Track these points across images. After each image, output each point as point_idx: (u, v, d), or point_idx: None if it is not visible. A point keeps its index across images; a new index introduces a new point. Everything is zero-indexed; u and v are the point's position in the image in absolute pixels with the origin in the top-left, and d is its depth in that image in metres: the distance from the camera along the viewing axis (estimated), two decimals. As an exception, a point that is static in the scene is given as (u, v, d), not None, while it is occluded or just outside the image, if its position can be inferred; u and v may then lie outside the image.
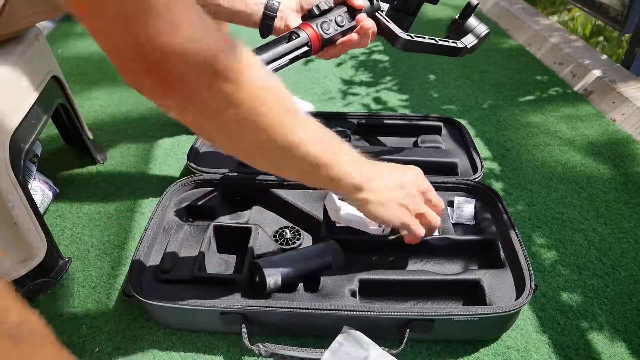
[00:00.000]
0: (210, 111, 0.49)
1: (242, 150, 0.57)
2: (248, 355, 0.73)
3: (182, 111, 0.49)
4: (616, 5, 1.44)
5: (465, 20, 0.91)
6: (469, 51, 0.91)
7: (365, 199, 0.67)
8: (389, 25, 0.86)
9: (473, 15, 0.91)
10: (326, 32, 0.80)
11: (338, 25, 0.81)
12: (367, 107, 1.40)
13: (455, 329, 0.72)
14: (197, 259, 0.78)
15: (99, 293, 0.84)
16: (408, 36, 0.85)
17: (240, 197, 0.96)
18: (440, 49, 0.89)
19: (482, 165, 1.01)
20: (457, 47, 0.89)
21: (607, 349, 0.74)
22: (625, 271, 0.87)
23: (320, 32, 0.79)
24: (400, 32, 0.85)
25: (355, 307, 0.71)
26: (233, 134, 0.53)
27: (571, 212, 1.00)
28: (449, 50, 0.90)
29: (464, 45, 0.90)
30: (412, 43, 0.86)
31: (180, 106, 0.48)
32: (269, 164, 0.60)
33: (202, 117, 0.50)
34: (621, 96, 1.33)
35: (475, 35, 0.90)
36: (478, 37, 0.90)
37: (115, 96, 1.44)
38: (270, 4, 0.83)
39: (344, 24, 0.82)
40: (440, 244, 0.83)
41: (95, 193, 1.06)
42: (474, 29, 0.90)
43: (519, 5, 2.05)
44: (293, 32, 0.78)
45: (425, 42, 0.87)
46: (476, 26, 0.91)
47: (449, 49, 0.89)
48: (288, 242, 0.86)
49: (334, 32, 0.81)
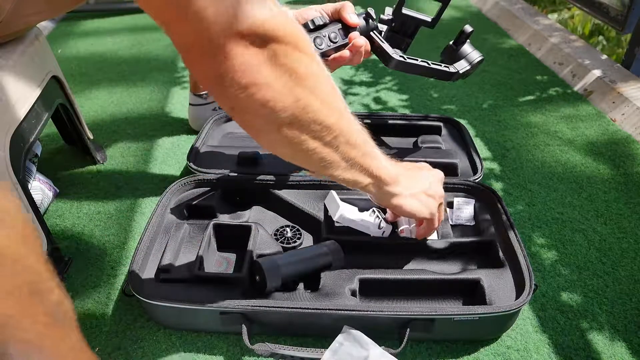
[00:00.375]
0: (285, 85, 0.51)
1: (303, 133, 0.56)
2: (248, 355, 0.73)
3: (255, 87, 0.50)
4: (616, 5, 1.44)
5: (459, 47, 0.93)
6: (461, 76, 0.93)
7: (400, 192, 0.70)
8: (383, 45, 0.87)
9: (468, 41, 0.93)
10: (318, 47, 0.81)
11: (331, 41, 0.82)
12: (367, 107, 1.40)
13: (455, 328, 0.72)
14: (197, 258, 0.78)
15: (99, 293, 0.84)
16: (400, 57, 0.87)
17: (240, 197, 0.96)
18: (432, 72, 0.91)
19: (482, 165, 1.01)
20: (449, 72, 0.91)
21: (607, 349, 0.74)
22: (625, 271, 0.87)
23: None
24: (393, 52, 0.87)
25: (356, 307, 0.71)
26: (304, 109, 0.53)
27: (571, 212, 1.00)
28: (441, 73, 0.92)
29: (456, 70, 0.92)
30: (404, 64, 0.88)
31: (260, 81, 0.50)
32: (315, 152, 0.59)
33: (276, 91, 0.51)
34: (621, 96, 1.33)
35: (468, 62, 0.93)
36: (471, 63, 0.92)
37: (115, 96, 1.44)
38: None
39: (337, 40, 0.83)
40: (440, 246, 0.83)
41: (95, 193, 1.06)
42: (467, 55, 0.93)
43: (519, 5, 2.05)
44: None
45: (417, 64, 0.89)
46: (469, 52, 0.93)
47: (440, 73, 0.91)
48: (289, 240, 0.86)
49: (326, 47, 0.82)
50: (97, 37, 1.90)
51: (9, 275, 0.34)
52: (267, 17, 0.47)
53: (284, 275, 0.74)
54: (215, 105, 1.22)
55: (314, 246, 0.80)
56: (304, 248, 0.81)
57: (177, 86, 1.50)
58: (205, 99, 1.21)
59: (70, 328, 0.38)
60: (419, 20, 0.92)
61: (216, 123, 1.17)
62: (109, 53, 1.76)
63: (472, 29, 0.91)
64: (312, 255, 0.78)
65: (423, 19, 0.92)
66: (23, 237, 0.37)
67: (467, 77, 0.95)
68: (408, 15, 0.91)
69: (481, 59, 0.93)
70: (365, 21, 0.86)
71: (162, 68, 1.63)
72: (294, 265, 0.76)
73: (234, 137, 1.14)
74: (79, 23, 2.02)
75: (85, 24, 2.03)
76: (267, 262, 0.74)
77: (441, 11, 0.91)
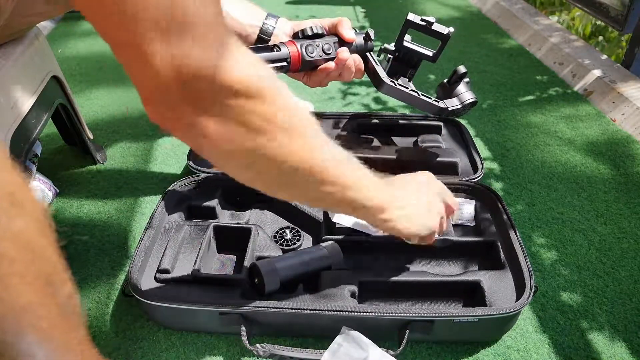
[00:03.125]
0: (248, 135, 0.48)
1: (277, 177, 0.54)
2: (248, 356, 0.73)
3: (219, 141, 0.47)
4: (616, 5, 1.44)
5: (453, 85, 0.93)
6: (451, 114, 0.93)
7: (395, 218, 0.65)
8: (376, 67, 0.88)
9: (465, 81, 0.93)
10: (309, 55, 0.81)
11: (324, 52, 0.83)
12: (367, 107, 1.40)
13: (455, 330, 0.72)
14: (196, 259, 0.79)
15: (99, 293, 0.84)
16: (391, 82, 0.88)
17: (240, 197, 0.96)
18: (421, 104, 0.91)
19: (482, 164, 1.01)
20: (438, 106, 0.91)
21: (607, 349, 0.74)
22: (625, 271, 0.87)
23: (302, 53, 0.81)
24: (385, 76, 0.88)
25: (355, 308, 0.71)
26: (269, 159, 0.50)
27: (571, 212, 1.00)
28: (429, 107, 0.91)
29: (445, 106, 0.91)
30: (394, 90, 0.88)
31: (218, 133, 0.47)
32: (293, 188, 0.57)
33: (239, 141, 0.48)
34: (621, 96, 1.33)
35: (460, 101, 0.92)
36: (462, 103, 0.92)
37: (115, 96, 1.43)
38: (265, 28, 0.84)
39: (331, 52, 0.84)
40: (440, 245, 0.83)
41: (95, 193, 1.06)
42: (460, 94, 0.93)
43: (519, 5, 2.05)
44: (276, 45, 0.80)
45: (406, 92, 0.89)
46: (463, 93, 0.92)
47: (429, 106, 0.91)
48: (288, 242, 0.86)
49: (317, 57, 0.82)
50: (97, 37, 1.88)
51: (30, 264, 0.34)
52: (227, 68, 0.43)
53: (282, 277, 0.74)
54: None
55: (313, 247, 0.80)
56: (303, 250, 0.81)
57: (177, 86, 1.50)
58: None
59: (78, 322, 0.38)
60: (420, 54, 0.92)
61: (216, 123, 1.17)
62: (109, 53, 1.74)
63: (465, 70, 0.91)
64: (311, 257, 0.78)
65: (424, 52, 0.92)
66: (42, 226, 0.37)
67: (458, 116, 0.95)
68: (409, 47, 0.92)
69: (473, 100, 0.92)
70: (364, 41, 0.87)
71: (162, 68, 1.62)
72: (293, 267, 0.76)
73: (233, 137, 1.14)
74: (79, 23, 2.02)
75: (85, 24, 2.03)
76: (266, 265, 0.74)
77: (441, 48, 0.91)
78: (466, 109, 0.94)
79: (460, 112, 0.94)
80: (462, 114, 0.95)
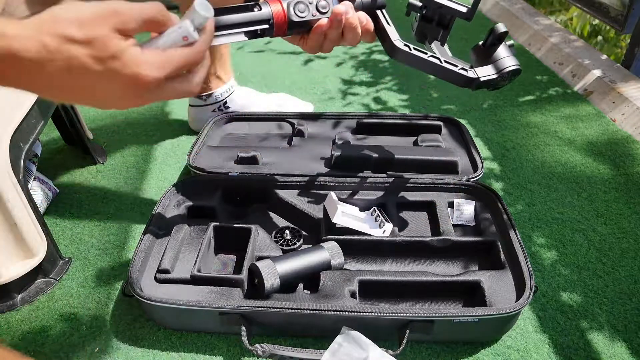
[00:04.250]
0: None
1: None
2: (248, 356, 0.73)
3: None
4: (616, 5, 1.44)
5: (490, 49, 0.75)
6: (485, 86, 0.75)
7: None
8: (387, 28, 0.73)
9: (505, 44, 0.75)
10: (298, 15, 0.67)
11: (319, 10, 0.69)
12: (367, 107, 1.40)
13: (454, 330, 0.72)
14: (196, 259, 0.79)
15: (99, 293, 0.84)
16: (405, 47, 0.72)
17: (240, 197, 0.96)
18: (444, 73, 0.74)
19: (482, 163, 1.01)
20: (466, 76, 0.73)
21: (607, 349, 0.74)
22: (625, 271, 0.87)
23: (289, 12, 0.67)
24: (398, 39, 0.73)
25: (355, 308, 0.71)
26: None
27: (571, 212, 1.00)
28: (455, 77, 0.74)
29: (475, 75, 0.73)
30: (409, 56, 0.73)
31: None
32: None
33: None
34: (621, 96, 1.33)
35: (497, 69, 0.73)
36: (499, 71, 0.73)
37: (115, 96, 1.43)
38: None
39: (327, 10, 0.69)
40: (440, 245, 0.83)
41: (95, 193, 1.06)
42: (498, 60, 0.74)
43: (519, 5, 2.05)
44: (256, 3, 0.66)
45: (424, 59, 0.73)
46: (502, 58, 0.74)
47: (455, 76, 0.74)
48: (288, 242, 0.86)
49: (310, 16, 0.68)
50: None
51: None
52: None
53: (282, 277, 0.74)
54: (215, 107, 1.22)
55: (313, 247, 0.80)
56: (303, 250, 0.81)
57: (177, 86, 1.50)
58: (204, 100, 1.21)
59: None
60: (452, 10, 0.74)
61: (216, 124, 1.17)
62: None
63: (505, 29, 0.73)
64: (311, 257, 0.78)
65: (457, 8, 0.74)
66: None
67: (495, 88, 0.76)
68: (439, 2, 0.74)
69: (515, 68, 0.73)
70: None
71: (162, 68, 1.62)
72: (293, 267, 0.76)
73: (234, 137, 1.14)
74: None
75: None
76: (265, 267, 0.74)
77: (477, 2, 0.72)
78: (505, 79, 0.75)
79: (497, 84, 0.75)
80: (501, 85, 0.76)
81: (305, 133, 1.13)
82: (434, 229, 0.89)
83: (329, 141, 1.10)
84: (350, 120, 1.18)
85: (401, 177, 0.96)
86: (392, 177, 0.96)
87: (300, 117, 1.19)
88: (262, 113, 1.21)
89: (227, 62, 1.20)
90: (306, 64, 1.65)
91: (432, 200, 0.92)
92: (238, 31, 0.64)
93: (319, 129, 1.17)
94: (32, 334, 0.77)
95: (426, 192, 0.94)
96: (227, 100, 1.23)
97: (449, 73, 0.74)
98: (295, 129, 1.14)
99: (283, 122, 1.19)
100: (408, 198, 0.93)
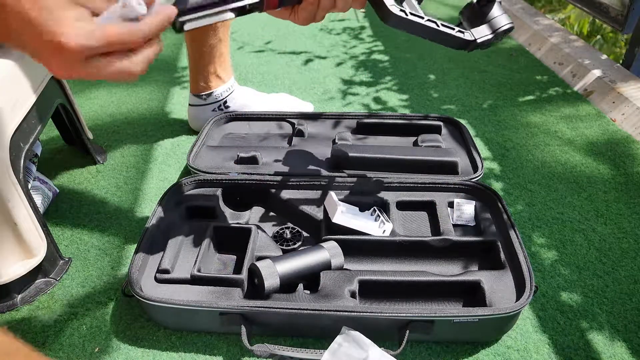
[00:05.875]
0: None
1: None
2: (248, 356, 0.73)
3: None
4: (616, 5, 1.44)
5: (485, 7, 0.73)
6: (479, 46, 0.74)
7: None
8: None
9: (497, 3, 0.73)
10: None
11: None
12: (367, 107, 1.40)
13: (454, 330, 0.72)
14: (196, 259, 0.79)
15: (99, 293, 0.84)
16: (401, 12, 0.69)
17: (240, 197, 0.96)
18: (441, 37, 0.72)
19: (482, 163, 1.01)
20: (463, 39, 0.72)
21: (607, 349, 0.74)
22: (625, 271, 0.87)
23: None
24: (393, 4, 0.68)
25: (355, 308, 0.71)
26: None
27: (571, 212, 1.00)
28: (452, 40, 0.72)
29: (472, 37, 0.72)
30: (404, 22, 0.69)
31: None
32: None
33: None
34: (621, 96, 1.33)
35: (492, 28, 0.72)
36: (494, 30, 0.72)
37: (115, 96, 1.43)
38: None
39: None
40: (440, 245, 0.83)
41: (95, 193, 1.06)
42: (492, 19, 0.72)
43: (519, 5, 2.05)
44: None
45: (421, 23, 0.70)
46: (496, 17, 0.72)
47: (451, 39, 0.72)
48: (288, 242, 0.86)
49: None
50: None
51: None
52: None
53: (282, 277, 0.74)
54: (215, 106, 1.22)
55: (313, 247, 0.80)
56: (302, 249, 0.81)
57: (177, 86, 1.50)
58: (204, 99, 1.21)
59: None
60: None
61: (216, 124, 1.17)
62: (109, 53, 1.75)
63: None
64: (311, 257, 0.78)
65: None
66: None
67: (487, 48, 0.75)
68: None
69: (510, 26, 0.73)
70: None
71: (162, 68, 1.63)
72: (293, 267, 0.76)
73: (234, 137, 1.14)
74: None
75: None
76: (265, 267, 0.74)
77: None
78: (498, 39, 0.74)
79: (489, 44, 0.74)
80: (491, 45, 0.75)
81: (305, 133, 1.13)
82: (434, 229, 0.89)
83: (329, 141, 1.10)
84: (350, 120, 1.18)
85: (401, 177, 0.96)
86: (392, 177, 0.96)
87: (300, 117, 1.19)
88: (262, 113, 1.21)
89: (227, 61, 1.20)
90: (306, 64, 1.65)
91: (432, 200, 0.92)
92: (224, 8, 0.59)
93: (319, 128, 1.17)
94: (32, 334, 0.77)
95: (426, 192, 0.94)
96: (227, 100, 1.23)
97: (445, 36, 0.72)
98: (295, 128, 1.14)
99: (283, 122, 1.19)
100: (408, 198, 0.93)
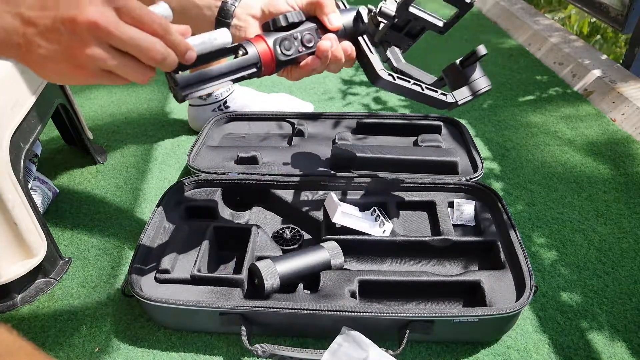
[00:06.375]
0: None
1: None
2: (248, 356, 0.73)
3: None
4: (616, 5, 1.44)
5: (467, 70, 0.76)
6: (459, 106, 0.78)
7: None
8: (371, 57, 0.72)
9: (479, 64, 0.77)
10: (285, 53, 0.66)
11: (304, 45, 0.67)
12: (367, 107, 1.40)
13: (454, 330, 0.72)
14: (196, 259, 0.79)
15: (99, 293, 0.84)
16: (389, 76, 0.72)
17: (240, 197, 0.96)
18: (425, 99, 0.76)
19: (482, 163, 1.01)
20: (445, 101, 0.76)
21: (607, 349, 0.74)
22: (625, 271, 0.87)
23: (275, 52, 0.65)
24: (381, 69, 0.72)
25: (355, 308, 0.71)
26: None
27: (571, 212, 1.00)
28: (435, 102, 0.76)
29: (454, 100, 0.76)
30: (392, 85, 0.73)
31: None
32: None
33: None
34: (621, 96, 1.33)
35: (472, 90, 0.76)
36: (474, 92, 0.76)
37: (115, 96, 1.44)
38: (226, 7, 0.67)
39: (313, 44, 0.68)
40: (440, 245, 0.83)
41: (95, 193, 1.06)
42: (474, 81, 0.76)
43: (519, 5, 2.05)
44: (241, 45, 0.64)
45: (407, 87, 0.74)
46: (477, 79, 0.76)
47: (434, 101, 0.76)
48: (288, 242, 0.86)
49: (296, 53, 0.67)
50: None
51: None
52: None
53: (282, 277, 0.74)
54: (215, 106, 1.22)
55: (313, 247, 0.80)
56: (302, 249, 0.81)
57: (177, 86, 1.50)
58: (204, 99, 1.21)
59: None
60: (427, 23, 0.75)
61: (216, 123, 1.17)
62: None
63: (486, 51, 0.74)
64: (310, 257, 0.78)
65: (433, 22, 0.75)
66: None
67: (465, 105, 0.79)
68: (415, 14, 0.73)
69: (489, 88, 0.76)
70: (355, 21, 0.72)
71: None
72: (293, 267, 0.76)
73: (234, 137, 1.14)
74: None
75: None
76: (265, 266, 0.74)
77: (457, 17, 0.74)
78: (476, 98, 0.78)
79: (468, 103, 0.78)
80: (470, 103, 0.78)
81: (305, 133, 1.13)
82: (434, 229, 0.89)
83: (328, 141, 1.10)
84: (350, 120, 1.18)
85: (401, 177, 0.96)
86: (392, 177, 0.96)
87: (300, 117, 1.19)
88: (262, 113, 1.21)
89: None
90: (306, 64, 1.64)
91: (432, 200, 0.92)
92: (224, 80, 0.62)
93: (319, 128, 1.17)
94: (32, 334, 0.77)
95: (426, 192, 0.94)
96: (227, 100, 1.23)
97: (429, 99, 0.76)
98: (295, 128, 1.14)
99: (283, 122, 1.19)
100: (408, 198, 0.93)
